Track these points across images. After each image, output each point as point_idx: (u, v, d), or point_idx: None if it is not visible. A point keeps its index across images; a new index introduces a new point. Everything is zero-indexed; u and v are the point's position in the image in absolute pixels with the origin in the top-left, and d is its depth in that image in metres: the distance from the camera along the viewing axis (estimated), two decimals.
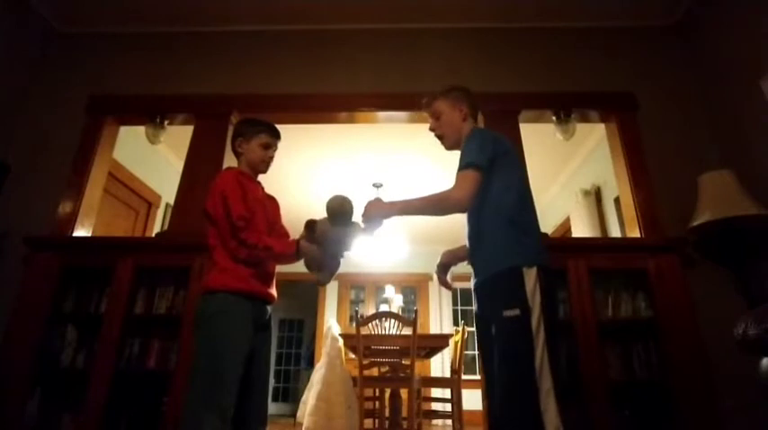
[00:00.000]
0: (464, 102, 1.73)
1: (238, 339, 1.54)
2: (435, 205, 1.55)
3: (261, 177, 1.88)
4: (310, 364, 7.02)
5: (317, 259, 1.66)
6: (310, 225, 1.64)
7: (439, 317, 6.69)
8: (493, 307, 1.46)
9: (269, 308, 1.71)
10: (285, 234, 1.88)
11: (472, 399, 4.87)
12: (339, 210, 1.63)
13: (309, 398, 3.47)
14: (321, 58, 3.05)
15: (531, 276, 1.40)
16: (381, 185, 4.97)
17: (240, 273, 1.59)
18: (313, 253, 1.64)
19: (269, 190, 1.89)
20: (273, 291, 1.72)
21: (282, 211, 1.91)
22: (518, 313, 1.37)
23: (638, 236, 2.51)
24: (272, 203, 1.86)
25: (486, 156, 1.52)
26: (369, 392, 3.62)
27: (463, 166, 1.52)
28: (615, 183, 2.86)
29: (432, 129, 1.78)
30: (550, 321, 1.38)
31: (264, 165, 1.82)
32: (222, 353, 1.50)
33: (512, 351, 1.38)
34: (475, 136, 1.60)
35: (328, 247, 1.64)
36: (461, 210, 1.55)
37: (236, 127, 1.87)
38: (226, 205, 1.59)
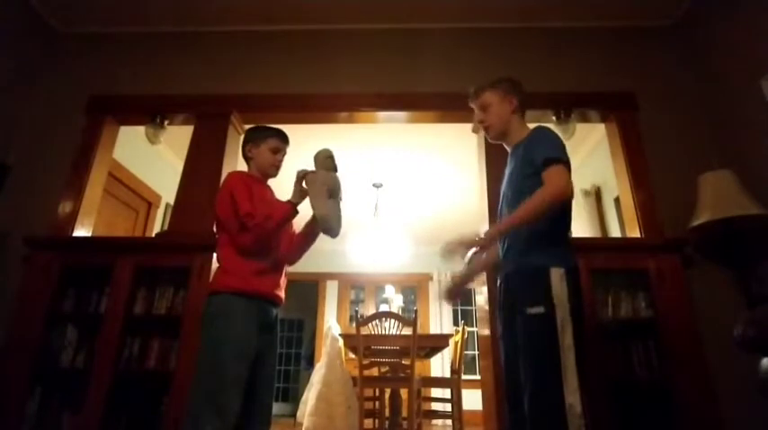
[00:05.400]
0: (514, 94, 1.70)
1: (240, 339, 1.54)
2: (546, 208, 1.43)
3: None
4: (310, 364, 7.02)
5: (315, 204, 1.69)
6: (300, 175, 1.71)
7: (439, 317, 6.69)
8: (520, 302, 1.48)
9: (275, 309, 1.70)
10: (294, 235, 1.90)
11: (472, 399, 4.87)
12: (324, 154, 1.74)
13: (309, 398, 3.48)
14: (321, 58, 3.05)
15: (557, 276, 1.43)
16: (381, 185, 4.97)
17: (242, 274, 1.60)
18: (306, 197, 1.69)
19: None
20: (280, 293, 1.71)
21: None
22: (542, 310, 1.40)
23: (639, 236, 2.51)
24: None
25: (567, 158, 1.50)
26: (369, 392, 3.62)
27: (555, 160, 1.47)
28: (615, 183, 2.85)
29: (479, 121, 1.74)
30: (579, 321, 1.41)
31: (274, 170, 1.85)
32: (223, 354, 1.50)
33: (539, 347, 1.41)
34: (553, 135, 1.57)
35: (314, 189, 1.69)
36: (569, 199, 1.49)
37: (245, 133, 1.90)
38: (234, 203, 1.61)
